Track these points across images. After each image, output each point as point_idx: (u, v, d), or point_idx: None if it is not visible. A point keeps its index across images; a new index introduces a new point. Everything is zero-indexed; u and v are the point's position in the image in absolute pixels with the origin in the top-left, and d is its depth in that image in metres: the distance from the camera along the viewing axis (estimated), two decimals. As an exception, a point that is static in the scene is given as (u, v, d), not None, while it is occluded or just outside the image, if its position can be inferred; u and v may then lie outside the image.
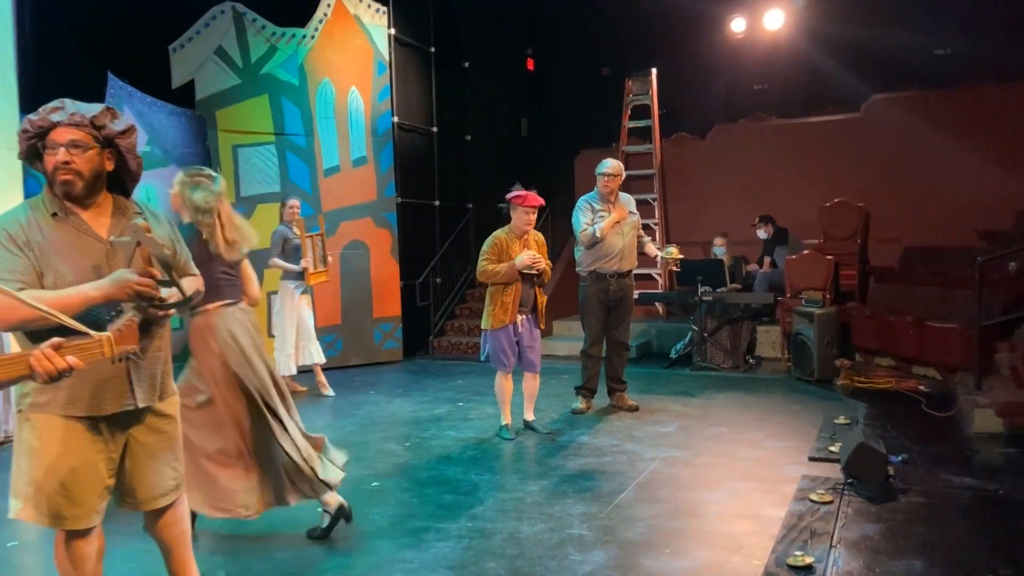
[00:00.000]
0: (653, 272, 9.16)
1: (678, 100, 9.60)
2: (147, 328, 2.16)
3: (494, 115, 10.08)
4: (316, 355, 6.37)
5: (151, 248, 2.15)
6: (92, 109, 2.25)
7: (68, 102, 2.27)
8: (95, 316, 2.10)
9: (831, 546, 3.16)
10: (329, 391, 6.46)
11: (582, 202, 5.59)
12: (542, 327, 5.03)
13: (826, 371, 6.41)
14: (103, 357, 1.89)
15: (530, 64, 10.67)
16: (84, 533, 2.27)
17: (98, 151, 2.23)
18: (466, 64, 9.55)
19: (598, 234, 5.40)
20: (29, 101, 6.07)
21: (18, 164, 5.81)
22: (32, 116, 2.21)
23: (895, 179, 8.38)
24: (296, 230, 6.17)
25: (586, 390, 5.69)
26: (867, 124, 8.71)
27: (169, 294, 2.21)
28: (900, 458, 4.19)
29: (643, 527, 3.45)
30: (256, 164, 7.46)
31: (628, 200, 5.67)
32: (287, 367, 6.28)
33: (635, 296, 5.90)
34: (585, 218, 5.49)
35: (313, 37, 7.70)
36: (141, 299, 2.10)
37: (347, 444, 4.94)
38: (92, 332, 1.90)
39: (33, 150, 2.21)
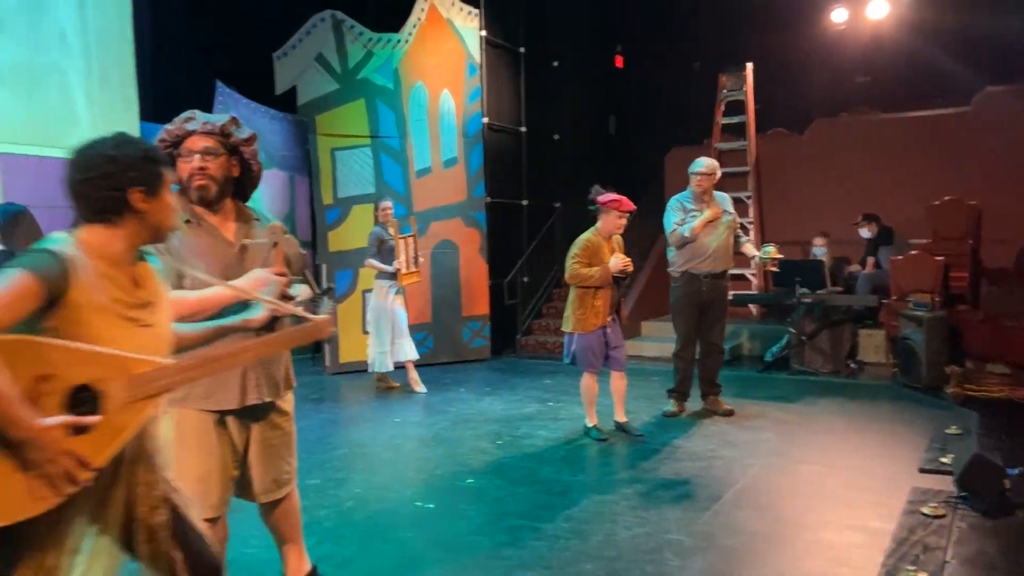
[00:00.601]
0: (747, 272, 8.93)
1: (774, 94, 9.31)
2: (272, 325, 2.28)
3: (582, 113, 10.05)
4: (409, 352, 6.52)
5: (287, 248, 2.31)
6: (221, 119, 2.39)
7: (197, 113, 2.41)
8: (219, 316, 2.21)
9: (944, 562, 3.01)
10: (421, 388, 6.60)
11: (673, 201, 5.51)
12: (624, 322, 5.07)
13: (935, 378, 6.09)
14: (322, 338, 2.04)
15: (619, 61, 10.57)
16: (213, 522, 2.39)
17: (226, 157, 2.37)
18: (555, 63, 9.56)
19: (687, 234, 5.30)
20: (148, 110, 6.47)
21: (137, 169, 6.19)
22: (168, 126, 2.36)
23: (1009, 177, 7.87)
24: (391, 231, 6.33)
25: (678, 393, 5.60)
26: (978, 118, 8.22)
27: (300, 291, 2.34)
28: (1017, 471, 3.95)
29: (744, 535, 3.38)
30: (352, 166, 7.69)
31: (724, 199, 5.54)
32: (383, 364, 6.46)
33: (729, 297, 5.77)
34: (675, 218, 5.40)
35: (407, 41, 7.87)
36: (284, 296, 2.25)
37: (441, 441, 5.07)
38: (312, 316, 2.05)
39: (168, 158, 2.33)
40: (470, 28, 8.18)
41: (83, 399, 1.63)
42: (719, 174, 5.50)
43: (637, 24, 10.21)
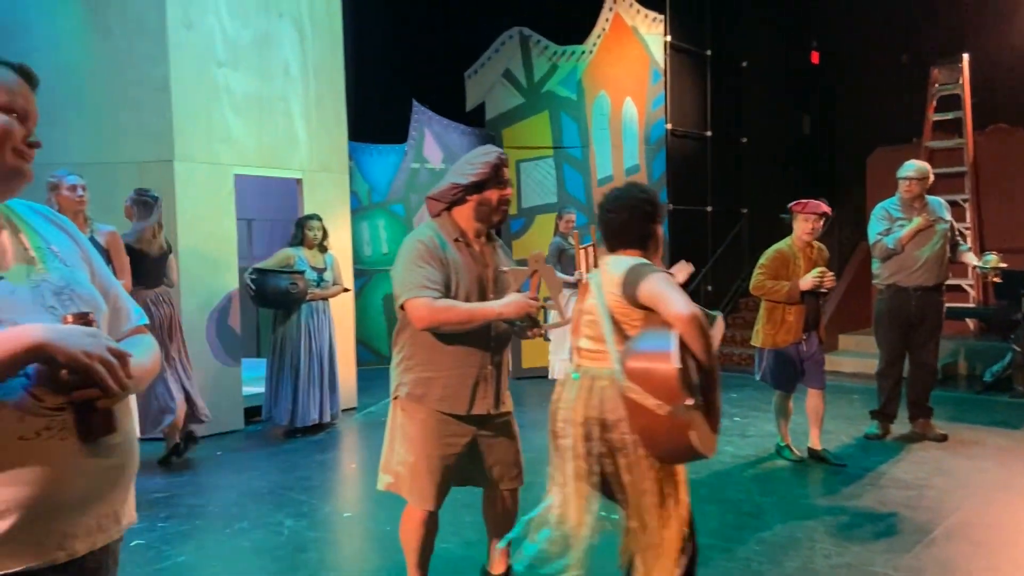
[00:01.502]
0: (964, 283, 8.10)
1: (994, 87, 8.38)
2: (506, 343, 2.61)
3: (773, 114, 9.61)
4: (590, 360, 6.57)
5: (547, 276, 2.54)
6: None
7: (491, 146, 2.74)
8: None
9: None
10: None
11: (879, 210, 5.10)
12: (822, 340, 4.66)
13: None
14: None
15: (814, 57, 9.99)
16: (434, 513, 2.65)
17: None
18: (744, 64, 9.23)
19: (892, 246, 4.89)
20: (351, 128, 7.05)
21: (347, 183, 6.77)
22: (492, 159, 2.60)
23: None
24: (571, 241, 6.43)
25: (883, 415, 5.17)
26: None
27: (553, 317, 2.71)
28: None
29: (957, 573, 3.08)
30: (536, 177, 7.90)
31: (938, 205, 5.05)
32: (563, 370, 6.56)
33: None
34: (880, 228, 4.99)
35: (591, 52, 7.96)
36: (530, 320, 2.52)
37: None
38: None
39: (486, 177, 2.56)
40: (655, 35, 8.12)
41: None
42: (931, 178, 5.04)
43: (836, 17, 9.60)
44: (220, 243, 5.65)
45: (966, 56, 8.28)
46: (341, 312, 6.21)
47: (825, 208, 4.45)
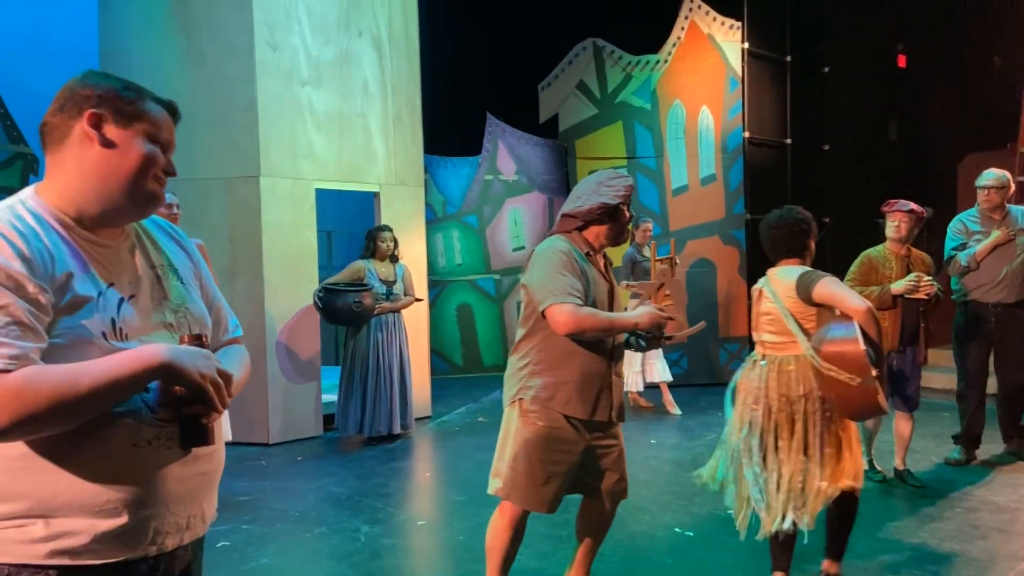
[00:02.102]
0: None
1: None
2: (623, 354, 2.82)
3: (857, 121, 9.28)
4: (662, 373, 6.51)
5: (673, 291, 2.89)
6: None
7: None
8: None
9: None
10: (676, 410, 6.54)
11: (956, 222, 4.83)
12: (924, 360, 4.43)
13: None
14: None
15: (901, 60, 9.62)
16: (527, 515, 2.76)
17: None
18: (826, 69, 8.97)
19: (966, 263, 4.60)
20: (426, 141, 7.20)
21: (422, 196, 6.92)
22: (628, 181, 2.78)
23: None
24: (647, 252, 6.37)
25: (966, 439, 4.83)
26: None
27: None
28: None
29: (1061, 608, 2.91)
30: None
31: (1021, 215, 4.72)
32: (635, 383, 6.51)
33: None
34: (955, 242, 4.72)
35: (666, 61, 7.90)
36: (658, 330, 2.71)
37: (699, 465, 4.95)
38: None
39: (619, 203, 2.71)
40: (731, 42, 7.99)
41: None
42: (1013, 187, 4.72)
43: (924, 19, 9.22)
44: (302, 255, 5.86)
45: (1066, 56, 7.83)
46: (415, 322, 6.33)
47: (913, 206, 4.19)
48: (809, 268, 2.94)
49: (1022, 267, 4.62)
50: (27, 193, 1.37)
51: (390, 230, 5.86)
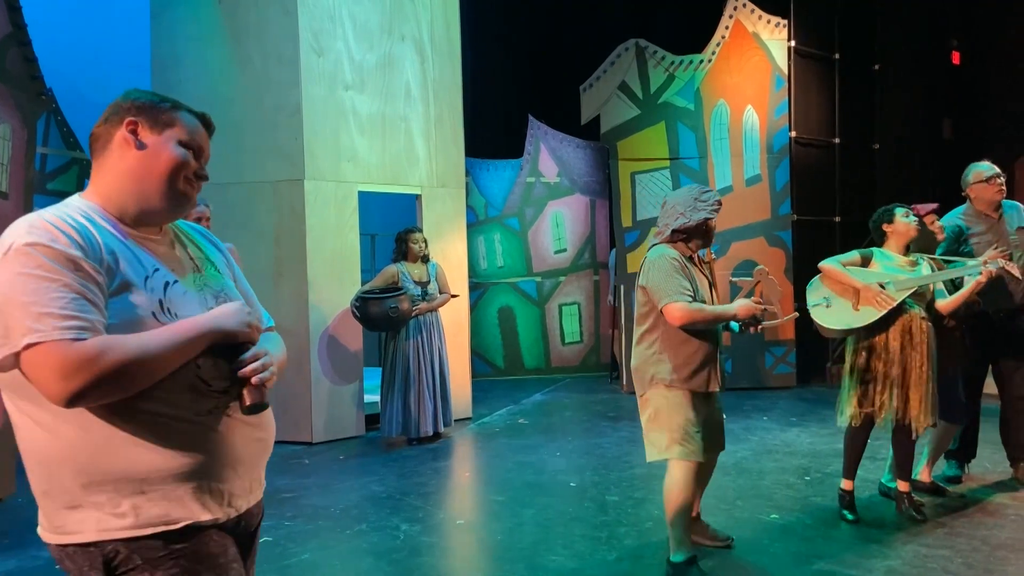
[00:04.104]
0: None
1: None
2: (719, 335, 3.32)
3: (909, 119, 9.03)
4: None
5: (767, 287, 3.35)
6: None
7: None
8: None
9: None
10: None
11: (950, 230, 4.32)
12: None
13: None
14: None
15: (955, 57, 9.33)
16: (694, 465, 3.24)
17: None
18: (876, 67, 8.75)
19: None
20: (468, 145, 7.24)
21: (463, 198, 6.96)
22: (716, 194, 3.32)
23: None
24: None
25: (963, 454, 4.53)
26: None
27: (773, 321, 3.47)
28: None
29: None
30: (652, 189, 7.81)
31: (1018, 211, 4.40)
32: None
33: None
34: (945, 248, 4.28)
35: (710, 61, 7.80)
36: (754, 319, 3.21)
37: (742, 471, 4.90)
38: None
39: (708, 216, 3.25)
40: (777, 40, 7.86)
41: None
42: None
43: (978, 14, 8.94)
44: (345, 257, 5.94)
45: None
46: (455, 323, 6.36)
47: (918, 208, 4.01)
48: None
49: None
50: (73, 198, 1.50)
51: (420, 231, 5.91)
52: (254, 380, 1.43)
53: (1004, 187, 4.37)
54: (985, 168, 4.41)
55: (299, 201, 5.65)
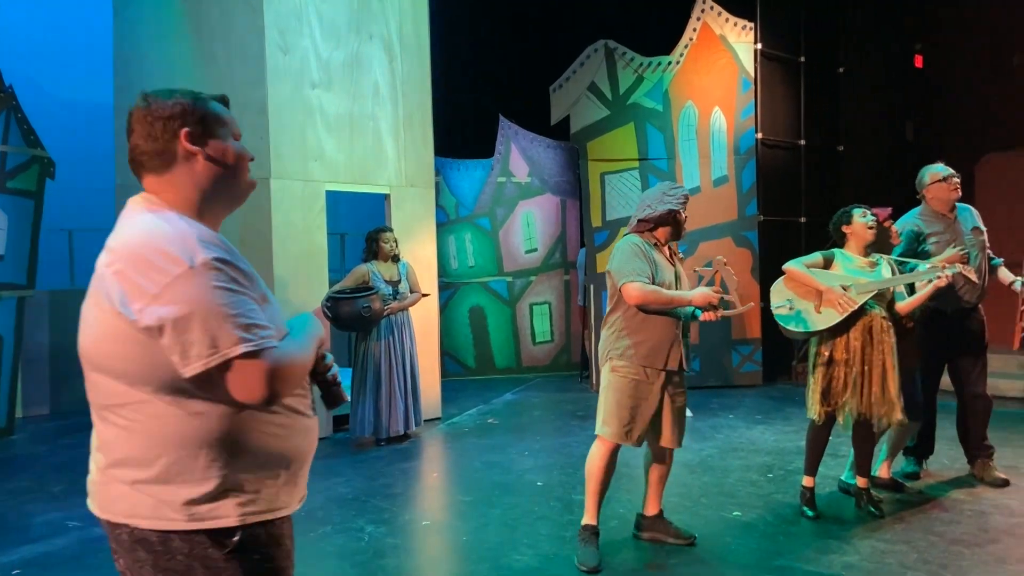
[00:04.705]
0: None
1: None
2: (683, 320, 3.43)
3: (873, 121, 9.19)
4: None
5: (725, 276, 3.43)
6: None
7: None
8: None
9: None
10: (688, 412, 6.48)
11: (908, 232, 4.37)
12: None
13: None
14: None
15: (918, 61, 9.51)
16: (618, 448, 3.43)
17: None
18: (840, 70, 8.89)
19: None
20: (438, 146, 7.23)
21: (432, 198, 6.95)
22: (684, 191, 3.52)
23: None
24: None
25: (921, 450, 4.62)
26: None
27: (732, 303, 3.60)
28: None
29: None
30: (620, 189, 7.86)
31: (969, 214, 4.49)
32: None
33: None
34: (910, 247, 4.38)
35: (678, 63, 7.87)
36: (711, 307, 3.31)
37: (707, 468, 4.95)
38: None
39: (675, 209, 3.44)
40: (744, 43, 7.95)
41: None
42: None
43: (941, 18, 9.12)
44: (313, 257, 5.90)
45: (1087, 54, 7.70)
46: (425, 323, 6.35)
47: (880, 212, 4.12)
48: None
49: (980, 268, 4.34)
50: (170, 214, 1.47)
51: (391, 230, 5.88)
52: (331, 378, 1.62)
53: (959, 187, 4.44)
54: (941, 169, 4.49)
55: (265, 200, 5.59)
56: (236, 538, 1.42)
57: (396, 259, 5.80)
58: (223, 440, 1.40)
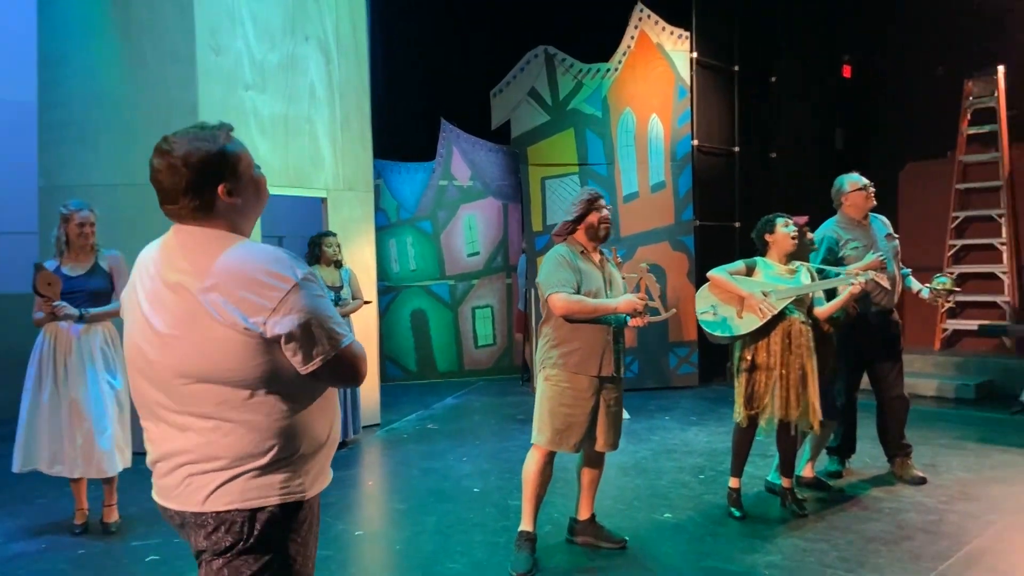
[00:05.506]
0: (999, 300, 7.89)
1: (1035, 98, 8.16)
2: (623, 327, 3.49)
3: (804, 129, 9.48)
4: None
5: (648, 282, 3.49)
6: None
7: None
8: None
9: None
10: (626, 414, 6.59)
11: (827, 240, 4.51)
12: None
13: None
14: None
15: (846, 71, 9.85)
16: (553, 455, 3.49)
17: None
18: (773, 79, 9.15)
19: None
20: (379, 148, 7.17)
21: (371, 201, 6.88)
22: (593, 193, 3.57)
23: None
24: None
25: (845, 450, 4.79)
26: None
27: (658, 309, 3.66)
28: None
29: (975, 606, 3.00)
30: (561, 194, 7.93)
31: (883, 223, 4.69)
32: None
33: (976, 328, 5.01)
34: (830, 254, 4.53)
35: (616, 70, 7.98)
36: (637, 313, 3.36)
37: (641, 471, 5.04)
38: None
39: (586, 209, 3.52)
40: (680, 51, 8.11)
41: None
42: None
43: (868, 30, 9.46)
44: (246, 261, 5.77)
45: (1001, 68, 8.10)
46: (364, 328, 6.29)
47: (799, 218, 4.25)
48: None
49: (894, 273, 4.52)
50: (247, 241, 1.72)
51: (334, 235, 5.81)
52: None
53: (873, 195, 4.60)
54: (857, 178, 4.66)
55: (196, 205, 5.45)
56: (303, 510, 1.68)
57: (339, 265, 5.74)
58: (303, 426, 1.66)
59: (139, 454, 4.34)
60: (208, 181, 1.65)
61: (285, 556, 1.66)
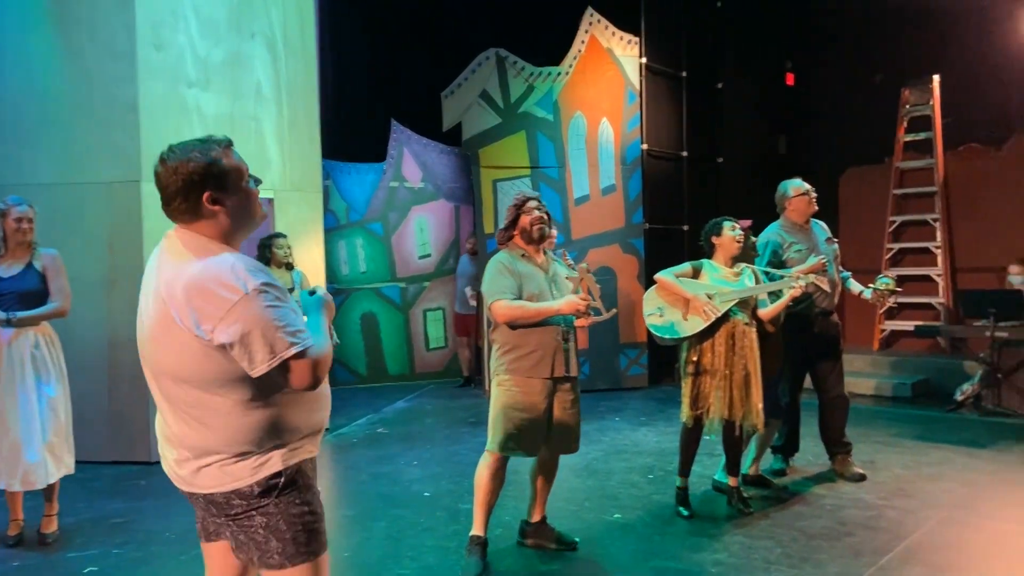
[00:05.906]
0: (935, 301, 8.18)
1: (966, 108, 8.48)
2: (571, 326, 3.52)
3: (749, 135, 9.70)
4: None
5: (589, 282, 3.43)
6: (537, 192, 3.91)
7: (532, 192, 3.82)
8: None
9: None
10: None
11: (772, 244, 4.61)
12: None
13: None
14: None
15: (789, 79, 10.11)
16: (506, 460, 3.49)
17: None
18: (719, 85, 9.33)
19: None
20: (328, 149, 7.07)
21: (320, 202, 6.79)
22: (526, 196, 3.62)
23: None
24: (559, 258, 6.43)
25: (789, 448, 4.91)
26: None
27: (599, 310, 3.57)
28: None
29: (912, 598, 3.09)
30: (512, 197, 7.93)
31: (822, 227, 4.85)
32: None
33: (912, 328, 5.19)
34: (774, 258, 4.63)
35: (567, 73, 8.03)
36: (579, 313, 3.38)
37: (592, 472, 5.07)
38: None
39: (516, 214, 3.56)
40: (630, 56, 8.20)
41: None
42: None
43: (810, 39, 9.73)
44: (190, 263, 5.63)
45: (936, 77, 8.41)
46: (313, 332, 6.19)
47: (743, 222, 4.34)
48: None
49: (835, 276, 4.64)
50: (228, 255, 1.82)
51: (285, 236, 5.71)
52: None
53: (806, 205, 4.70)
54: (800, 184, 4.79)
55: (135, 204, 5.30)
56: (281, 480, 1.84)
57: (290, 267, 5.63)
58: (276, 419, 1.83)
59: (81, 462, 4.21)
60: (194, 189, 1.81)
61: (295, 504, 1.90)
